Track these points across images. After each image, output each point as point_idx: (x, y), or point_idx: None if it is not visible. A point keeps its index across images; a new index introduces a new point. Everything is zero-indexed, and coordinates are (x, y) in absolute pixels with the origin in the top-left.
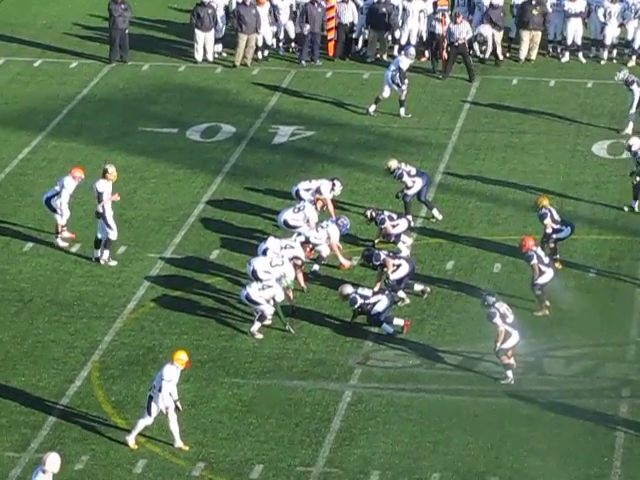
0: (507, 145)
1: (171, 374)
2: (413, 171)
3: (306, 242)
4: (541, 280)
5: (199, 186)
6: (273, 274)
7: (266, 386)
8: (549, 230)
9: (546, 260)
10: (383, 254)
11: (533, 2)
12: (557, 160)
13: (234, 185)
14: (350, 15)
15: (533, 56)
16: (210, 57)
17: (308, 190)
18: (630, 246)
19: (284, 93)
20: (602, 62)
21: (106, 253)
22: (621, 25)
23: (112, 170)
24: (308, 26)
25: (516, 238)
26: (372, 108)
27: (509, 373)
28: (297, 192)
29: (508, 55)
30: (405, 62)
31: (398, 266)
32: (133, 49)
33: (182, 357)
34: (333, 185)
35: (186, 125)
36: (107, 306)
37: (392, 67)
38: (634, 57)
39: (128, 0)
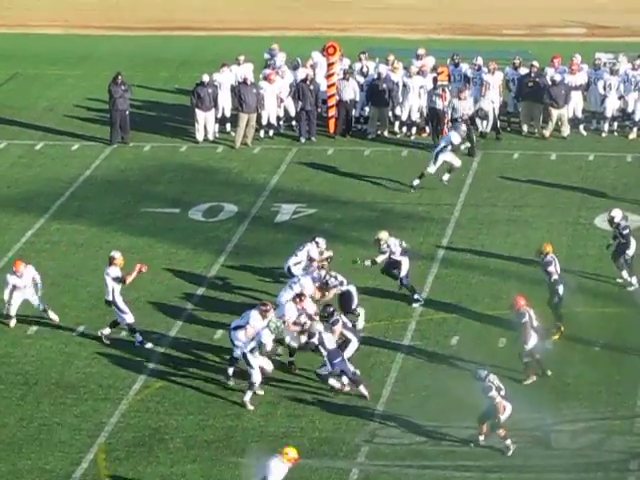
0: (509, 219)
1: (278, 468)
2: (398, 251)
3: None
4: (528, 346)
5: (202, 266)
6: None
7: None
8: (555, 277)
9: (535, 323)
10: (340, 323)
11: (532, 75)
12: (560, 233)
13: (237, 264)
14: (351, 92)
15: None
16: (211, 137)
17: (298, 264)
18: (635, 318)
19: (285, 171)
20: (603, 134)
21: (106, 330)
22: (621, 97)
23: (118, 256)
24: (300, 103)
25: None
26: (416, 182)
27: (509, 442)
28: (289, 269)
29: (509, 129)
30: (456, 137)
31: (346, 341)
32: (134, 130)
33: (290, 454)
34: (317, 244)
35: (188, 205)
36: (112, 387)
37: (442, 143)
38: (635, 129)
39: (128, 81)
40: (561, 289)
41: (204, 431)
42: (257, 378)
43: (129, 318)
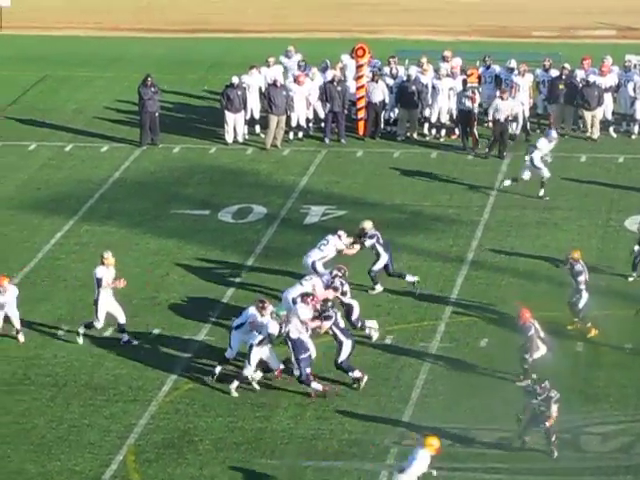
0: (539, 221)
1: (424, 458)
2: (381, 241)
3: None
4: (535, 355)
5: (231, 267)
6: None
7: (302, 467)
8: (583, 286)
9: (542, 334)
10: (332, 320)
11: (562, 77)
12: (589, 236)
13: (266, 266)
14: (380, 94)
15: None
16: (240, 138)
17: (323, 259)
18: None
19: (314, 173)
20: (633, 137)
21: (82, 328)
22: None
23: (107, 255)
24: (328, 105)
25: (551, 315)
26: (507, 182)
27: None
28: (313, 264)
29: (538, 131)
30: (545, 144)
31: (340, 343)
32: (164, 132)
33: (434, 443)
34: (340, 237)
35: (218, 207)
36: (141, 389)
37: (532, 150)
38: None
39: (158, 83)
40: (585, 297)
41: (233, 433)
42: (248, 372)
43: (97, 324)
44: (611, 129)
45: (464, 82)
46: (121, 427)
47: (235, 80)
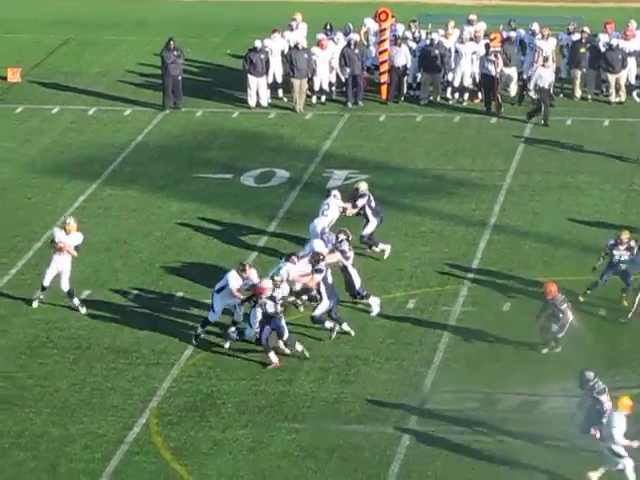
0: (562, 186)
1: (621, 420)
2: (372, 205)
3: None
4: (567, 327)
5: (254, 231)
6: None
7: (324, 431)
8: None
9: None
10: (322, 274)
11: (583, 40)
12: (612, 200)
13: (289, 230)
14: (403, 58)
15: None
16: (263, 102)
17: (330, 223)
18: None
19: (337, 137)
20: None
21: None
22: None
23: (69, 221)
24: (348, 69)
25: (573, 279)
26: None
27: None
28: (322, 232)
29: (562, 95)
30: None
31: (319, 293)
32: (186, 96)
33: (626, 402)
34: (335, 196)
35: (240, 171)
36: (164, 352)
37: None
38: None
39: (181, 47)
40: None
41: (256, 396)
42: (249, 334)
43: (44, 281)
44: (634, 93)
45: (487, 46)
46: (144, 390)
47: (258, 44)
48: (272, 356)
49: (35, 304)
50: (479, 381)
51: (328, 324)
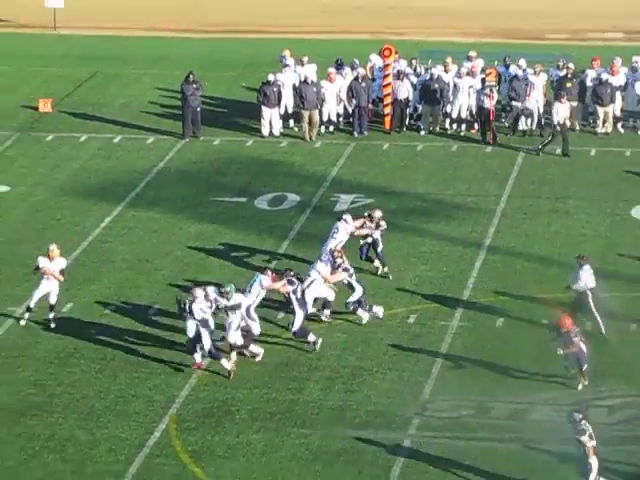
0: (551, 210)
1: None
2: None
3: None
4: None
5: (267, 251)
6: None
7: (331, 436)
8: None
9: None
10: (293, 286)
11: (569, 76)
12: (598, 223)
13: (299, 250)
14: (405, 91)
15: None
16: (276, 132)
17: (339, 244)
18: None
19: (344, 164)
20: (639, 132)
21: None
22: None
23: (52, 248)
24: (354, 101)
25: (562, 296)
26: None
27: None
28: (332, 252)
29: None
30: None
31: (293, 313)
32: (205, 125)
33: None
34: (346, 221)
35: (254, 195)
36: (183, 363)
37: None
38: None
39: (200, 80)
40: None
41: (268, 403)
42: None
43: (30, 303)
44: (619, 125)
45: (483, 81)
46: (164, 398)
47: (271, 77)
48: (224, 363)
49: (22, 322)
50: (474, 390)
51: (311, 337)
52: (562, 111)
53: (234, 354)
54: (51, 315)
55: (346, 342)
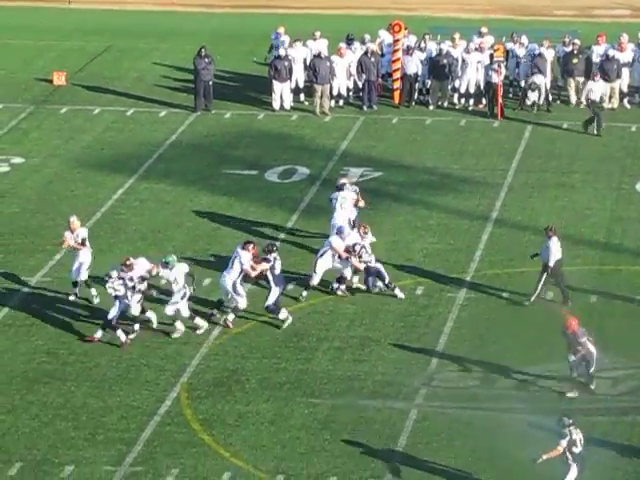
0: (558, 184)
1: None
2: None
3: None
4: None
5: (277, 223)
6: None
7: (339, 405)
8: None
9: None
10: (269, 263)
11: (575, 52)
12: (604, 197)
13: (309, 222)
14: (414, 67)
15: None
16: (287, 106)
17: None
18: None
19: (354, 138)
20: None
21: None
22: None
23: (72, 219)
24: (364, 76)
25: (567, 269)
26: None
27: None
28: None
29: (559, 101)
30: None
31: (269, 288)
32: (216, 99)
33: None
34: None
35: (265, 168)
36: (194, 333)
37: None
38: None
39: (212, 54)
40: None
41: (277, 373)
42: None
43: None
44: (625, 100)
45: (491, 56)
46: (175, 367)
47: (282, 52)
48: (120, 333)
49: (72, 298)
50: (480, 361)
51: (282, 315)
52: (595, 89)
53: (178, 323)
54: (93, 291)
55: (355, 313)
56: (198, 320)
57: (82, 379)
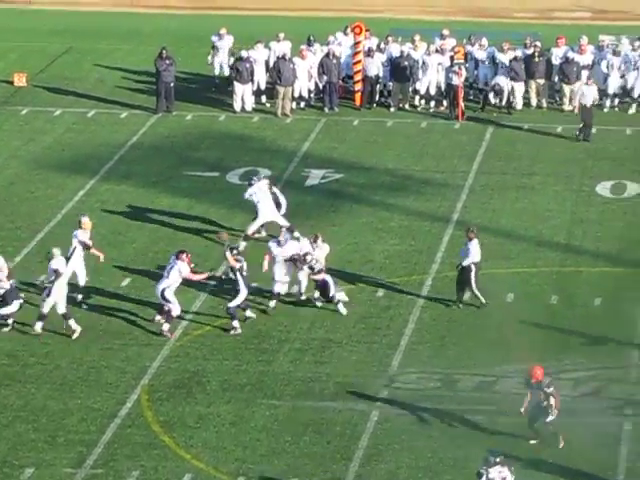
0: (518, 186)
1: None
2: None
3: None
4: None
5: (238, 225)
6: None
7: (300, 407)
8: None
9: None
10: (240, 261)
11: (535, 54)
12: (564, 199)
13: (270, 224)
14: (375, 69)
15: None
16: (248, 107)
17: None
18: (632, 277)
19: (315, 140)
20: (605, 109)
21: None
22: (622, 76)
23: (85, 220)
24: (325, 77)
25: (527, 271)
26: None
27: None
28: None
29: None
30: None
31: (237, 290)
32: (177, 101)
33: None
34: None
35: (226, 169)
36: (155, 334)
37: None
38: (634, 105)
39: (173, 56)
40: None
41: (238, 375)
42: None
43: (82, 281)
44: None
45: (451, 58)
46: (136, 369)
47: (244, 54)
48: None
49: (83, 305)
50: (441, 363)
51: (235, 323)
52: (588, 94)
53: (71, 322)
54: (80, 296)
55: (316, 315)
56: (72, 322)
57: (42, 381)
